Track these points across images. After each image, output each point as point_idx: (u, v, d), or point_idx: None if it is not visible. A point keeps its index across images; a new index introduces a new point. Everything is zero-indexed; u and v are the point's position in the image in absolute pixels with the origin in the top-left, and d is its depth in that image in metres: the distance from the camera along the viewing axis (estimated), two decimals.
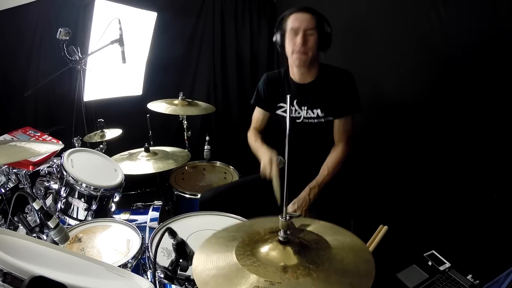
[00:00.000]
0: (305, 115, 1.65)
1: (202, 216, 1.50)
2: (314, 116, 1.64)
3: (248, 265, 0.79)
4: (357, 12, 2.20)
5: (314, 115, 1.64)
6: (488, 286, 1.20)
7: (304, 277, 0.74)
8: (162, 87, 2.91)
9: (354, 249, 0.85)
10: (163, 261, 1.18)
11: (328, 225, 0.98)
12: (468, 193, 1.62)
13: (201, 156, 2.42)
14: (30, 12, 2.48)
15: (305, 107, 1.64)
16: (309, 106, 1.64)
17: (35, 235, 1.07)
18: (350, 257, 0.81)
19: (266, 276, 0.75)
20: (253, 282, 0.74)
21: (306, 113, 1.65)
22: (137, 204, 1.97)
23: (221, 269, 0.80)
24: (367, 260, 0.80)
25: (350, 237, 0.91)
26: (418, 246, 1.59)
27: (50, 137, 2.01)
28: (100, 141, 2.16)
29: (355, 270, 0.77)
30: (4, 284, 0.56)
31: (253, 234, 0.93)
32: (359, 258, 0.81)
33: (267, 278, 0.75)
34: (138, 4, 2.60)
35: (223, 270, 0.80)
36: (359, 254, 0.83)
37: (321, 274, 0.75)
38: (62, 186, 1.55)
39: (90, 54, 2.14)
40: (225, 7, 3.03)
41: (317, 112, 1.63)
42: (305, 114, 1.65)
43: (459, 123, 1.64)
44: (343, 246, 0.86)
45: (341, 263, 0.79)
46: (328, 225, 0.98)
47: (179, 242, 0.93)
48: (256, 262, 0.80)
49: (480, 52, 1.51)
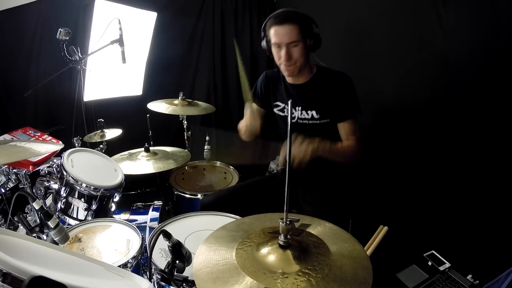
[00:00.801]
0: (299, 115, 1.64)
1: (202, 216, 1.50)
2: (308, 117, 1.63)
3: (246, 268, 0.79)
4: (357, 13, 2.20)
5: (309, 116, 1.62)
6: (488, 286, 1.20)
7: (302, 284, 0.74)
8: (162, 87, 2.91)
9: (352, 254, 0.85)
10: (161, 262, 1.18)
11: (328, 225, 0.98)
12: (468, 193, 1.62)
13: (201, 156, 2.42)
14: (30, 12, 2.47)
15: (299, 108, 1.64)
16: (304, 107, 1.63)
17: (35, 235, 1.07)
18: (349, 263, 0.81)
19: (262, 280, 0.75)
20: (248, 284, 0.74)
21: (300, 114, 1.64)
22: (137, 204, 1.97)
23: (220, 269, 0.80)
24: (365, 267, 0.80)
25: (349, 240, 0.90)
26: (418, 246, 1.59)
27: (50, 137, 2.01)
28: (100, 141, 2.16)
29: (353, 277, 0.77)
30: (4, 284, 0.56)
31: (253, 235, 0.93)
32: (358, 264, 0.81)
33: (263, 282, 0.74)
34: (138, 4, 2.60)
35: (222, 270, 0.80)
36: (357, 260, 0.83)
37: (320, 282, 0.74)
38: (62, 186, 1.55)
39: (90, 54, 2.14)
40: (225, 7, 3.03)
41: (312, 114, 1.62)
42: (299, 114, 1.64)
43: (459, 123, 1.64)
44: (342, 251, 0.85)
45: (340, 269, 0.79)
46: (328, 226, 0.98)
47: (174, 244, 0.93)
48: (255, 265, 0.80)
49: (480, 53, 1.51)
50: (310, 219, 1.02)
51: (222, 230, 0.99)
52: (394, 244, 1.50)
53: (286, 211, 0.83)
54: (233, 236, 0.94)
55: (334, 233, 0.93)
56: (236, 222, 1.09)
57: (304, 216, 1.04)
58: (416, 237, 1.77)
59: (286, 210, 0.84)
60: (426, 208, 1.82)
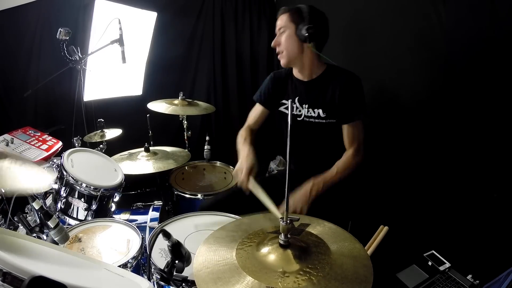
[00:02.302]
0: (306, 113, 1.64)
1: (202, 216, 1.50)
2: (315, 116, 1.62)
3: (247, 267, 0.79)
4: (357, 12, 2.20)
5: (315, 114, 1.62)
6: (488, 286, 1.20)
7: (303, 283, 0.74)
8: (162, 87, 2.91)
9: (353, 253, 0.85)
10: (160, 262, 1.18)
11: (328, 225, 0.98)
12: (468, 193, 1.62)
13: (201, 156, 2.42)
14: (30, 12, 2.47)
15: (306, 106, 1.63)
16: (310, 105, 1.63)
17: (35, 235, 1.07)
18: (349, 262, 0.81)
19: (263, 280, 0.75)
20: (249, 284, 0.74)
21: (307, 112, 1.63)
22: (137, 204, 1.97)
23: (220, 268, 0.80)
24: (365, 265, 0.80)
25: (349, 239, 0.91)
26: (418, 246, 1.59)
27: (50, 137, 2.01)
28: (100, 141, 2.16)
29: (354, 276, 0.77)
30: (4, 284, 0.56)
31: (253, 235, 0.93)
32: (358, 263, 0.81)
33: (264, 281, 0.74)
34: (138, 4, 2.60)
35: (222, 269, 0.80)
36: (358, 258, 0.83)
37: (321, 280, 0.74)
38: (62, 186, 1.55)
39: (90, 54, 2.14)
40: (225, 7, 3.03)
41: (318, 112, 1.62)
42: (305, 112, 1.64)
43: (459, 123, 1.64)
44: (342, 250, 0.85)
45: (341, 268, 0.79)
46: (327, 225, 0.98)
47: (174, 243, 0.93)
48: (256, 264, 0.80)
49: (480, 52, 1.51)
50: (310, 219, 1.02)
51: (221, 231, 0.99)
52: (394, 244, 1.50)
53: (286, 210, 0.83)
54: (233, 236, 0.94)
55: (334, 232, 0.94)
56: (236, 222, 1.09)
57: (304, 216, 1.04)
58: (416, 237, 1.77)
59: (286, 208, 0.84)
60: (426, 208, 1.82)
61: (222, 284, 0.76)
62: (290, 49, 1.55)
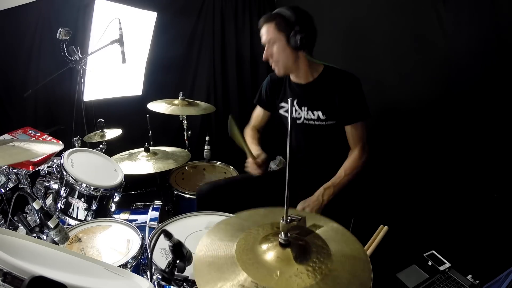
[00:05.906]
0: (305, 116, 1.63)
1: (202, 216, 1.50)
2: (314, 118, 1.61)
3: (244, 261, 0.79)
4: (357, 13, 2.20)
5: (315, 116, 1.61)
6: (488, 286, 1.20)
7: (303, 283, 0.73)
8: (162, 87, 2.91)
9: (353, 253, 0.84)
10: (161, 262, 1.18)
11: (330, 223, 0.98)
12: (468, 193, 1.62)
13: (201, 156, 2.43)
14: (30, 12, 2.47)
15: (305, 108, 1.62)
16: (309, 107, 1.61)
17: (35, 235, 1.07)
18: (349, 262, 0.81)
19: (255, 277, 0.74)
20: (241, 280, 0.74)
21: (306, 114, 1.62)
22: (137, 204, 1.97)
23: (219, 259, 0.80)
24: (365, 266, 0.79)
25: (349, 239, 0.90)
26: (418, 246, 1.59)
27: (50, 137, 2.01)
28: (100, 141, 2.16)
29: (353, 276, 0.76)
30: (4, 284, 0.56)
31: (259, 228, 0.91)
32: (358, 263, 0.81)
33: (256, 279, 0.74)
34: (138, 4, 2.60)
35: (220, 260, 0.80)
36: (358, 259, 0.82)
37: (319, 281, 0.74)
38: (62, 186, 1.55)
39: (90, 54, 2.14)
40: (225, 7, 3.03)
41: (318, 114, 1.60)
42: (305, 115, 1.63)
43: (459, 123, 1.64)
44: (342, 249, 0.85)
45: (341, 267, 0.78)
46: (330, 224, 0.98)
47: (175, 243, 0.93)
48: (253, 259, 0.80)
49: (480, 52, 1.52)
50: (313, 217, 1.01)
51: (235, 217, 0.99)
52: (394, 244, 1.50)
53: (286, 208, 0.83)
54: (242, 225, 0.93)
55: (335, 231, 0.93)
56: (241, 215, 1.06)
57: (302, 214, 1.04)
58: (416, 237, 1.77)
59: (286, 208, 0.84)
60: (426, 208, 1.82)
61: (215, 271, 0.76)
62: (285, 60, 1.53)
